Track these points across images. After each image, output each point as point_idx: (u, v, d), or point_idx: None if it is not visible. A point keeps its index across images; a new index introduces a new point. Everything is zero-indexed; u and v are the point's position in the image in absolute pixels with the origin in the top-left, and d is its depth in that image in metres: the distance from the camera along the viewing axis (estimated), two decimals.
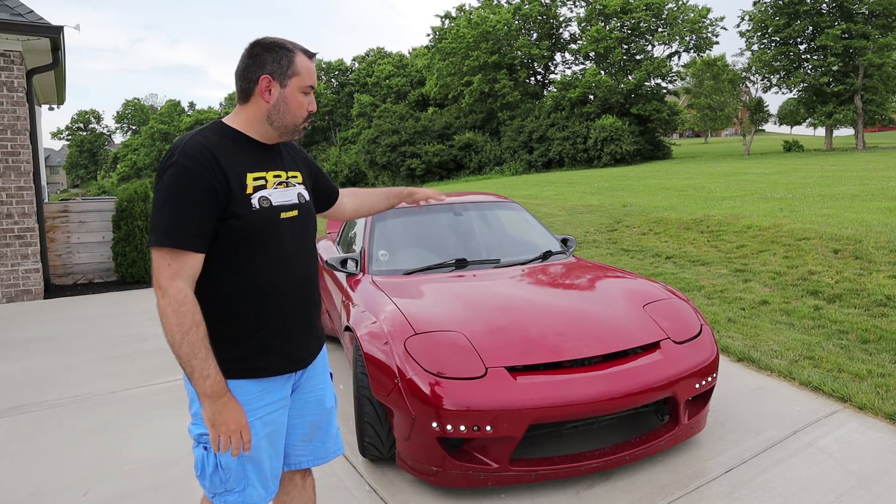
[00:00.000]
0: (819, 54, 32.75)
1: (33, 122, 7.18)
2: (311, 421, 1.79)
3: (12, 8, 6.84)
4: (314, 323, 1.77)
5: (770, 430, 3.12)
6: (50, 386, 4.11)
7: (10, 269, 7.04)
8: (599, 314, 3.05)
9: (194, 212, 1.48)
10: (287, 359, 1.67)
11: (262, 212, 1.58)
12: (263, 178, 1.63)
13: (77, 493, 2.73)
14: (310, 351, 1.75)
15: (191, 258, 1.49)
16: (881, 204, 8.94)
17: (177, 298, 1.46)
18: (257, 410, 1.61)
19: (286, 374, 1.68)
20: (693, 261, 7.23)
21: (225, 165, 1.54)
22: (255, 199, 1.58)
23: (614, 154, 32.06)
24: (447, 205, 4.41)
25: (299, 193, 1.73)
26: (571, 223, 10.62)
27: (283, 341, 1.65)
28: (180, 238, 1.47)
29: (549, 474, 2.57)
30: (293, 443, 1.79)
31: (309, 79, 1.63)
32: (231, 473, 1.59)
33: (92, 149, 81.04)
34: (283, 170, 1.71)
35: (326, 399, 1.83)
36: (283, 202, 1.65)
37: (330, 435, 1.85)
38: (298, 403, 1.77)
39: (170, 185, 1.49)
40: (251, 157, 1.63)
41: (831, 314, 4.93)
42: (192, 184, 1.48)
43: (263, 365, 1.62)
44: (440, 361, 2.60)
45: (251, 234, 1.57)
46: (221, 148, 1.57)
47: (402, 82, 50.72)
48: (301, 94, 1.63)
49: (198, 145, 1.53)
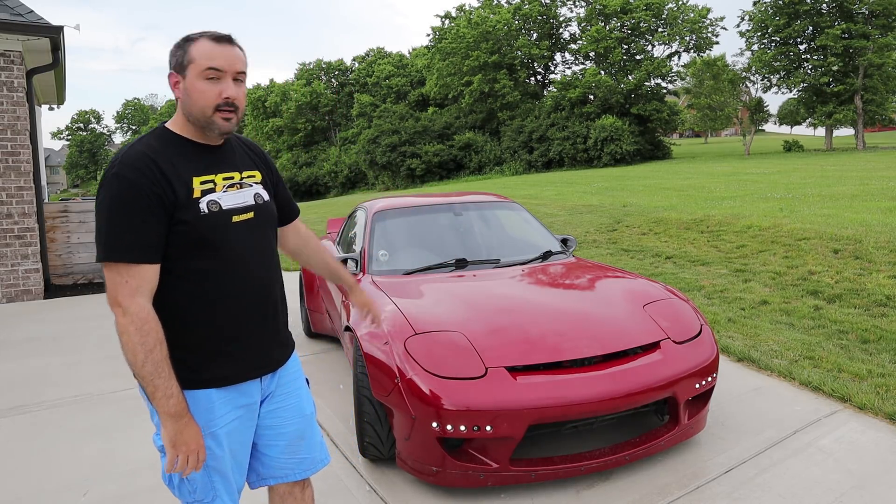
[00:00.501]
0: (819, 54, 32.74)
1: (33, 122, 7.18)
2: (293, 430, 1.73)
3: (12, 8, 6.84)
4: (277, 328, 1.70)
5: (770, 430, 3.12)
6: (50, 386, 4.11)
7: (10, 269, 7.04)
8: (599, 314, 3.05)
9: (144, 223, 1.43)
10: (247, 366, 1.61)
11: (212, 216, 1.52)
12: (212, 182, 1.55)
13: (77, 493, 2.73)
14: (273, 357, 1.68)
15: (148, 271, 1.45)
16: (881, 204, 8.94)
17: (140, 316, 1.42)
18: (220, 419, 1.56)
19: (247, 381, 1.61)
20: (693, 261, 7.23)
21: (168, 172, 1.48)
22: (204, 204, 1.51)
23: (614, 154, 32.05)
24: (447, 205, 4.41)
25: (256, 194, 1.64)
26: (571, 223, 10.62)
27: (241, 348, 1.59)
28: (134, 252, 1.42)
29: (549, 474, 2.57)
30: (276, 455, 1.73)
31: (207, 61, 1.49)
32: (197, 484, 1.56)
33: (92, 149, 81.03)
34: (236, 170, 1.63)
35: (304, 406, 1.77)
36: (234, 205, 1.57)
37: (315, 444, 1.79)
38: (276, 414, 1.71)
39: (114, 197, 1.43)
40: (196, 160, 1.56)
41: (831, 314, 4.93)
42: (137, 195, 1.43)
43: (222, 374, 1.56)
44: (440, 361, 2.59)
45: (201, 240, 1.50)
46: (163, 154, 1.51)
47: (402, 82, 50.70)
48: (202, 80, 1.50)
49: (138, 154, 1.47)
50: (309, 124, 54.58)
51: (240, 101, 1.55)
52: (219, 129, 1.55)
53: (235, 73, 1.54)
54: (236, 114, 1.55)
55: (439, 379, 2.53)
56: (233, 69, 1.53)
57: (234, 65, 1.53)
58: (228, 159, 1.64)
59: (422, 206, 4.40)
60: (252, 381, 1.64)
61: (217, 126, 1.54)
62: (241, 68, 1.55)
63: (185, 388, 1.53)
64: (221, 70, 1.51)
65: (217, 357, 1.56)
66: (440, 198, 4.64)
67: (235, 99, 1.53)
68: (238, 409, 1.61)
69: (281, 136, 55.73)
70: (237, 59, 1.54)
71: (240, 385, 1.61)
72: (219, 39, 1.53)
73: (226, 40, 1.54)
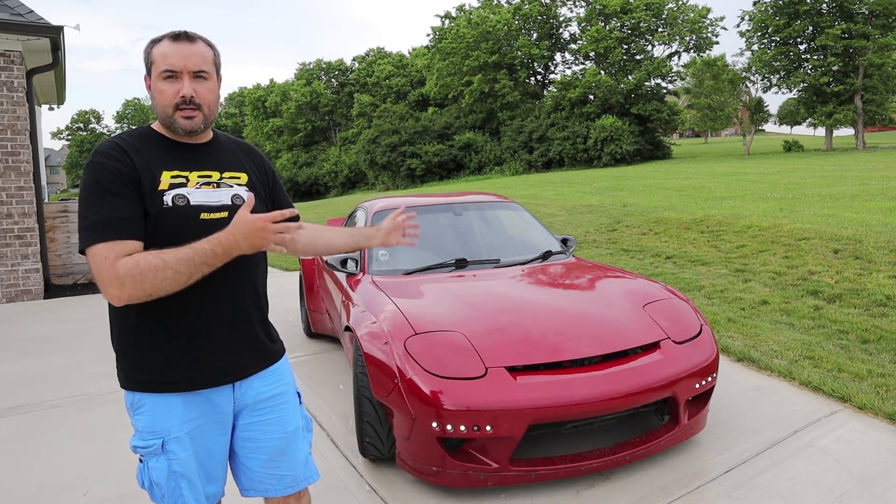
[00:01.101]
0: (819, 54, 32.74)
1: (33, 122, 7.19)
2: (272, 446, 1.67)
3: (12, 8, 6.84)
4: (249, 333, 1.63)
5: (770, 430, 3.12)
6: (50, 386, 4.11)
7: (10, 269, 7.04)
8: (599, 314, 3.05)
9: (115, 199, 1.42)
10: (211, 371, 1.55)
11: (176, 210, 1.48)
12: (184, 178, 1.53)
13: (77, 493, 2.73)
14: (241, 364, 1.61)
15: (126, 246, 1.40)
16: (881, 204, 8.94)
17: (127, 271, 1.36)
18: (184, 424, 1.54)
19: (211, 387, 1.56)
20: (693, 261, 7.23)
21: (136, 160, 1.48)
22: (169, 197, 1.49)
23: (614, 154, 32.05)
24: (447, 205, 4.41)
25: (235, 195, 1.59)
26: (571, 223, 10.62)
27: (205, 352, 1.54)
28: (109, 230, 1.40)
29: (549, 474, 2.57)
30: (255, 468, 1.68)
31: (163, 62, 1.49)
32: (164, 489, 1.55)
33: (92, 149, 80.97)
34: (216, 170, 1.60)
35: (288, 421, 1.69)
36: (205, 202, 1.53)
37: (297, 461, 1.71)
38: (255, 427, 1.65)
39: (87, 184, 1.45)
40: (170, 156, 1.55)
41: (831, 314, 4.93)
42: (106, 176, 1.44)
43: (184, 377, 1.53)
44: (440, 361, 2.59)
45: (165, 234, 1.46)
46: (136, 147, 1.52)
47: (402, 82, 50.71)
48: (162, 81, 1.50)
49: (110, 143, 1.51)
50: (309, 124, 54.58)
51: (202, 97, 1.53)
52: (181, 128, 1.53)
53: (193, 71, 1.51)
54: (201, 111, 1.54)
55: (439, 379, 2.53)
56: (188, 67, 1.50)
57: (189, 62, 1.50)
58: (209, 159, 1.61)
59: (422, 206, 4.40)
60: (220, 389, 1.58)
61: (179, 125, 1.52)
62: (198, 65, 1.52)
63: (146, 390, 1.52)
64: (176, 70, 1.50)
65: (179, 359, 1.52)
66: (440, 198, 4.65)
67: (196, 97, 1.51)
68: (203, 416, 1.57)
69: (281, 136, 55.73)
70: (193, 56, 1.51)
71: (207, 392, 1.56)
72: (176, 38, 1.52)
73: (183, 38, 1.52)
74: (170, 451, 1.53)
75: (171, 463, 1.53)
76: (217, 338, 1.56)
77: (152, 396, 1.53)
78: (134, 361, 1.54)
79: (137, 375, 1.54)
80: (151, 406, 1.53)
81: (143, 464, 1.56)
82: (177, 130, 1.54)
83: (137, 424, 1.56)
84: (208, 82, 1.55)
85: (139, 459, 1.57)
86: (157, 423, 1.53)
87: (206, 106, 1.54)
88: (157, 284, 1.37)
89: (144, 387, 1.53)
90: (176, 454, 1.53)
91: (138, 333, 1.52)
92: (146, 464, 1.55)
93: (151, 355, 1.52)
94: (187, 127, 1.53)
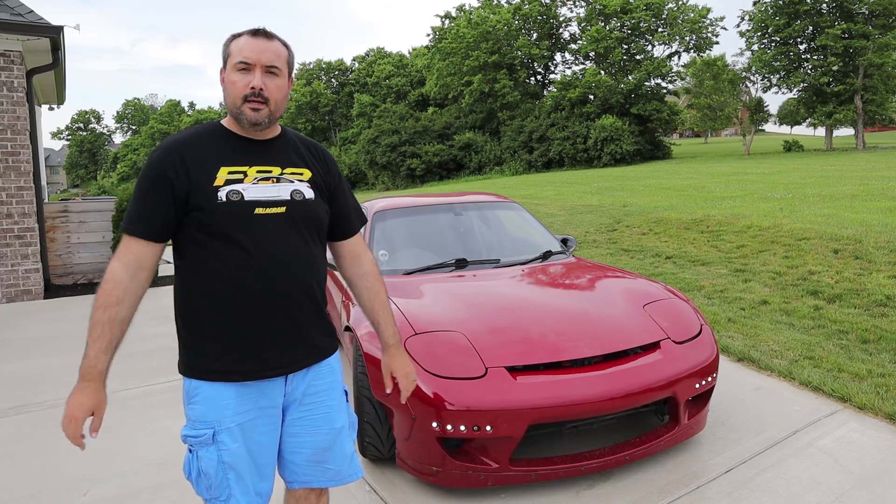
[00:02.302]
0: (819, 54, 32.74)
1: (33, 122, 7.19)
2: (319, 441, 1.68)
3: (12, 8, 6.84)
4: (303, 328, 1.64)
5: (770, 430, 3.12)
6: (50, 386, 4.11)
7: (10, 269, 7.04)
8: (599, 314, 3.04)
9: (144, 200, 1.53)
10: (265, 364, 1.58)
11: (230, 205, 1.53)
12: (242, 173, 1.57)
13: (77, 493, 2.73)
14: (294, 358, 1.63)
15: (134, 243, 1.53)
16: (881, 204, 8.94)
17: (106, 277, 1.52)
18: (236, 416, 1.56)
19: (261, 379, 1.59)
20: (693, 261, 7.23)
21: (190, 158, 1.55)
22: (223, 193, 1.53)
23: (614, 154, 32.04)
24: (447, 205, 4.41)
25: (295, 190, 1.62)
26: (571, 223, 10.62)
27: (258, 345, 1.57)
28: (128, 224, 1.54)
29: (549, 474, 2.57)
30: (300, 462, 1.70)
31: (238, 54, 1.56)
32: (212, 480, 1.56)
33: (92, 149, 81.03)
34: (277, 165, 1.63)
35: (336, 418, 1.71)
36: (261, 197, 1.56)
37: (343, 457, 1.73)
38: (303, 420, 1.67)
39: (139, 178, 1.58)
40: (232, 151, 1.59)
41: (831, 314, 4.93)
42: (150, 176, 1.54)
43: (238, 368, 1.56)
44: (440, 361, 2.59)
45: (218, 228, 1.52)
46: (197, 143, 1.58)
47: (402, 82, 50.73)
48: (235, 72, 1.56)
49: (171, 141, 1.59)
50: (309, 124, 54.60)
51: (271, 92, 1.57)
52: (247, 119, 1.57)
53: (266, 66, 1.57)
54: (267, 105, 1.58)
55: (439, 379, 2.53)
56: (262, 61, 1.56)
57: (264, 56, 1.56)
58: (272, 154, 1.65)
59: (422, 206, 4.40)
60: (273, 381, 1.61)
61: (245, 116, 1.57)
62: (271, 61, 1.57)
63: (201, 378, 1.57)
64: (250, 63, 1.55)
65: (233, 351, 1.56)
66: (440, 198, 4.64)
67: (265, 90, 1.56)
68: (256, 409, 1.59)
69: None
70: (268, 52, 1.57)
71: (260, 383, 1.59)
72: (255, 34, 1.59)
73: (261, 34, 1.59)
74: (220, 441, 1.56)
75: (220, 454, 1.56)
76: (271, 331, 1.59)
77: (207, 385, 1.57)
78: (192, 350, 1.59)
79: (194, 363, 1.58)
80: (205, 395, 1.57)
81: (192, 454, 1.59)
82: (243, 122, 1.59)
83: (190, 414, 1.60)
84: (278, 79, 1.60)
85: (188, 449, 1.60)
86: (209, 412, 1.56)
87: (273, 101, 1.58)
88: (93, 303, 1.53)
89: (200, 374, 1.57)
90: (226, 445, 1.56)
91: (197, 323, 1.58)
92: (195, 454, 1.57)
93: (207, 345, 1.57)
94: (253, 119, 1.57)
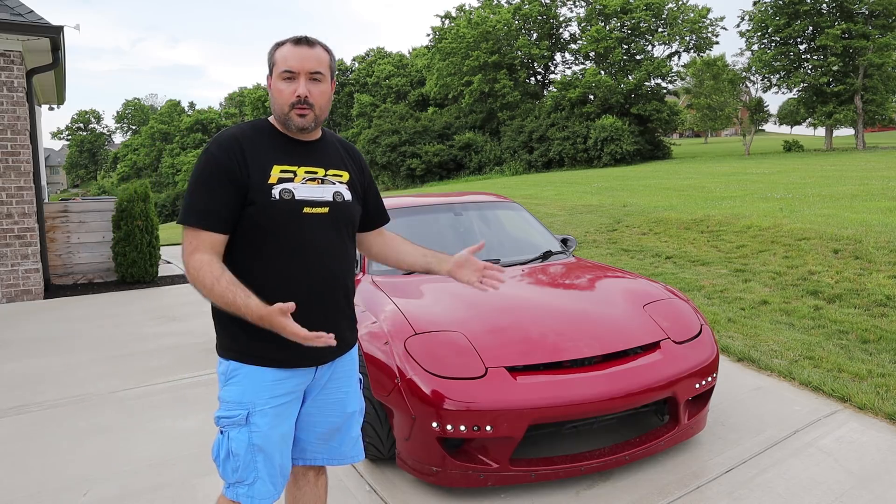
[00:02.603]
0: (819, 54, 32.74)
1: (33, 122, 7.19)
2: (331, 422, 1.80)
3: (12, 8, 6.84)
4: (336, 323, 1.72)
5: (770, 430, 3.12)
6: (50, 386, 4.11)
7: (10, 269, 7.04)
8: (599, 314, 3.04)
9: (212, 192, 1.57)
10: (300, 353, 1.64)
11: (282, 203, 1.60)
12: (292, 172, 1.65)
13: (77, 493, 2.73)
14: (326, 352, 1.71)
15: (206, 235, 1.56)
16: (881, 204, 8.94)
17: (194, 266, 1.54)
18: (271, 399, 1.63)
19: (299, 367, 1.67)
20: (693, 261, 7.23)
21: (249, 154, 1.61)
22: (277, 191, 1.60)
23: (614, 154, 32.05)
24: (447, 205, 4.41)
25: (336, 192, 1.71)
26: (571, 223, 10.62)
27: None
28: (194, 217, 1.56)
29: (549, 474, 2.57)
30: (311, 440, 1.80)
31: (283, 63, 1.62)
32: (241, 461, 1.61)
33: (92, 149, 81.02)
34: (322, 166, 1.71)
35: (349, 403, 1.82)
36: (309, 197, 1.65)
37: (350, 438, 1.85)
38: (319, 403, 1.77)
39: (196, 169, 1.61)
40: (283, 151, 1.67)
41: (831, 314, 4.93)
42: (212, 168, 1.58)
43: (275, 356, 1.63)
44: (440, 361, 2.59)
45: (270, 224, 1.59)
46: (252, 140, 1.64)
47: (402, 82, 50.71)
48: (281, 81, 1.63)
49: (229, 135, 1.64)
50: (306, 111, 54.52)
51: (315, 98, 1.64)
52: (295, 125, 1.64)
53: (309, 73, 1.63)
54: (313, 110, 1.64)
55: (439, 379, 2.53)
56: (305, 69, 1.62)
57: (307, 64, 1.62)
58: (317, 155, 1.72)
59: (422, 206, 4.40)
60: (306, 370, 1.69)
61: (293, 122, 1.64)
62: (314, 67, 1.63)
63: (240, 360, 1.62)
64: (294, 71, 1.62)
65: (272, 340, 1.58)
66: (440, 198, 4.64)
67: (309, 97, 1.62)
68: (289, 395, 1.67)
69: None
70: (310, 59, 1.63)
71: (294, 371, 1.67)
72: (297, 42, 1.65)
73: (303, 42, 1.65)
74: (253, 423, 1.61)
75: (251, 435, 1.61)
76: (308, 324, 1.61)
77: (246, 367, 1.63)
78: (233, 333, 1.64)
79: (234, 345, 1.64)
80: (244, 376, 1.63)
81: (223, 435, 1.64)
82: (290, 127, 1.66)
83: (226, 395, 1.65)
84: (322, 84, 1.66)
85: (220, 431, 1.65)
86: (245, 394, 1.62)
87: (317, 106, 1.65)
88: (201, 293, 1.56)
89: (239, 356, 1.64)
90: (258, 427, 1.62)
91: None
92: (227, 434, 1.63)
93: (247, 331, 1.60)
94: (300, 124, 1.64)
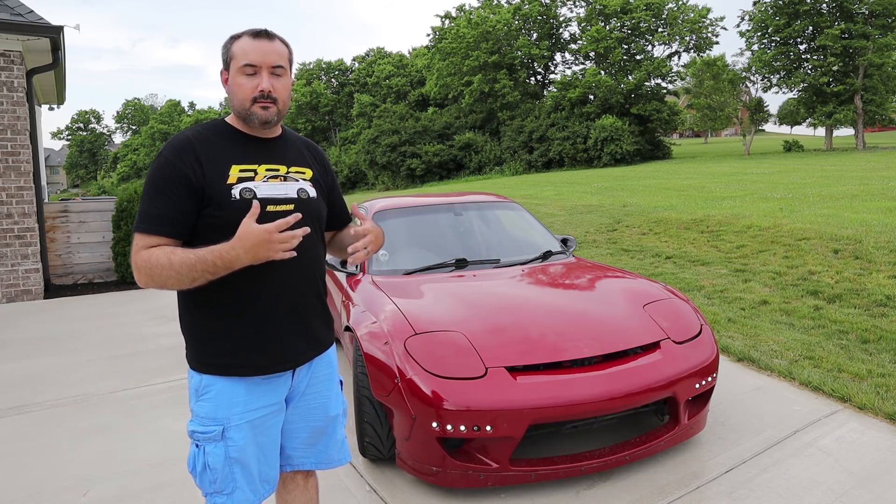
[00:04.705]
0: (819, 54, 32.72)
1: (33, 122, 7.18)
2: (313, 426, 1.77)
3: (12, 8, 6.84)
4: (309, 322, 1.69)
5: (770, 430, 3.12)
6: (50, 386, 4.11)
7: (10, 269, 7.04)
8: (599, 314, 3.04)
9: (167, 198, 1.52)
10: (272, 358, 1.61)
11: (243, 203, 1.55)
12: (252, 171, 1.60)
13: (77, 493, 2.73)
14: (301, 351, 1.68)
15: (157, 240, 1.51)
16: (881, 204, 8.94)
17: (143, 258, 1.48)
18: (246, 413, 1.60)
19: (272, 373, 1.63)
20: (693, 261, 7.23)
21: (203, 156, 1.56)
22: (237, 190, 1.56)
23: (614, 154, 32.04)
24: (447, 205, 4.41)
25: (300, 189, 1.67)
26: (571, 223, 10.62)
27: (266, 340, 1.60)
28: (146, 223, 1.51)
29: (549, 474, 2.57)
30: (295, 446, 1.77)
31: (243, 58, 1.57)
32: (218, 474, 1.59)
33: (92, 149, 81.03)
34: (283, 163, 1.67)
35: (331, 406, 1.79)
36: (271, 195, 1.60)
37: (334, 441, 1.82)
38: (301, 409, 1.74)
39: (150, 175, 1.57)
40: (242, 150, 1.62)
41: (831, 314, 4.93)
42: (165, 173, 1.53)
43: (245, 363, 1.59)
44: (440, 361, 2.59)
45: (231, 225, 1.50)
46: (207, 140, 1.59)
47: (402, 82, 50.69)
48: (241, 76, 1.58)
49: (183, 138, 1.59)
50: (309, 124, 54.57)
51: (278, 92, 1.60)
52: (258, 118, 1.60)
53: (271, 67, 1.59)
54: (276, 104, 1.61)
55: (439, 379, 2.53)
56: (267, 63, 1.58)
57: (268, 58, 1.58)
58: (278, 152, 1.68)
59: (422, 206, 4.40)
60: (280, 377, 1.66)
61: (256, 116, 1.60)
62: (276, 61, 1.59)
63: (216, 373, 1.59)
64: (256, 65, 1.57)
65: (245, 345, 1.58)
66: (440, 198, 4.64)
67: (273, 91, 1.59)
68: (266, 408, 1.64)
69: None
70: (272, 53, 1.59)
71: (270, 379, 1.63)
72: (257, 35, 1.60)
73: (263, 35, 1.60)
74: (228, 437, 1.59)
75: (228, 449, 1.59)
76: (281, 326, 1.62)
77: (221, 381, 1.59)
78: (205, 345, 1.61)
79: (208, 359, 1.60)
80: (218, 392, 1.59)
81: (198, 448, 1.60)
82: (253, 122, 1.61)
83: (199, 410, 1.61)
84: (283, 78, 1.63)
85: (195, 444, 1.62)
86: (219, 410, 1.59)
87: (280, 101, 1.62)
88: (163, 280, 1.47)
89: (214, 370, 1.59)
90: (234, 441, 1.59)
91: (208, 319, 1.60)
92: (202, 449, 1.59)
93: (220, 340, 1.59)
94: (264, 117, 1.60)
